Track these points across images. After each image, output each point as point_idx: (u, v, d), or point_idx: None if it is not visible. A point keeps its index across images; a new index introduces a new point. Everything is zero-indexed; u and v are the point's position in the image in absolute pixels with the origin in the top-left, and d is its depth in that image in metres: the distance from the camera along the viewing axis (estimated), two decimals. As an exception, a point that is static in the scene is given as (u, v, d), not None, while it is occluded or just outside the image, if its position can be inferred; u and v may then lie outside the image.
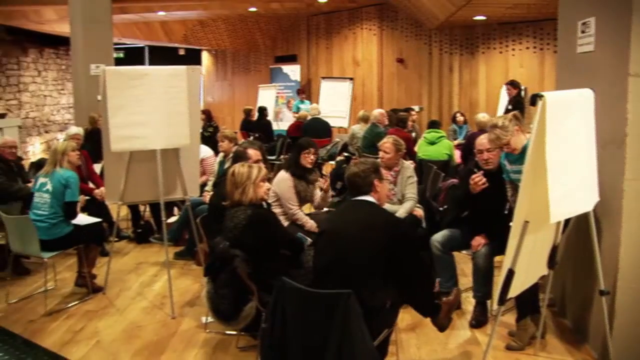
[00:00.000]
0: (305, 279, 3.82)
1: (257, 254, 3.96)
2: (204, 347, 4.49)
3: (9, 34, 15.98)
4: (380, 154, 5.55)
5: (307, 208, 5.91)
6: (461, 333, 4.64)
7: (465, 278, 5.44)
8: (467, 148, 7.70)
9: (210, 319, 4.63)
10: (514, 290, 3.43)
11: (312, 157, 5.64)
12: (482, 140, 4.67)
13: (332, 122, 12.68)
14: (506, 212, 4.47)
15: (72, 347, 4.53)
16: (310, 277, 3.81)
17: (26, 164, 8.15)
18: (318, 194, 5.71)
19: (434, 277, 4.80)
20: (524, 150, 4.18)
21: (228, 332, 4.62)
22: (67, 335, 4.75)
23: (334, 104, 14.73)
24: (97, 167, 7.44)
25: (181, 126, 5.30)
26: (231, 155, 6.37)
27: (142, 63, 20.65)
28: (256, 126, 12.91)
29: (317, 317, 3.09)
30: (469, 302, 5.03)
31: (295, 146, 5.78)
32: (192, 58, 20.27)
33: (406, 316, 4.33)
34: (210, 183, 6.79)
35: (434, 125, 8.97)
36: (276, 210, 5.34)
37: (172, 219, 6.98)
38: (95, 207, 6.64)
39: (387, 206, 5.29)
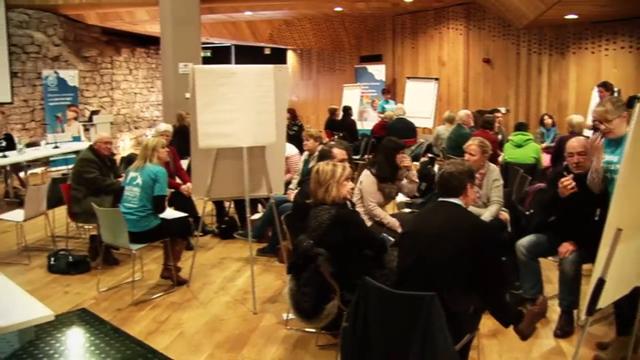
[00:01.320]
0: (388, 279, 3.79)
1: (341, 253, 3.95)
2: (283, 343, 4.52)
3: (104, 34, 16.61)
4: (466, 156, 5.44)
5: (391, 207, 5.86)
6: (545, 342, 4.49)
7: (551, 285, 5.28)
8: (557, 151, 7.47)
9: (291, 316, 4.65)
10: (604, 301, 3.29)
11: (407, 157, 5.61)
12: (574, 143, 4.52)
13: (417, 123, 12.55)
14: (596, 218, 4.30)
15: (157, 337, 4.67)
16: (393, 277, 3.78)
17: (117, 159, 8.41)
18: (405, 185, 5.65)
19: (513, 284, 4.67)
20: (620, 141, 4.02)
21: (308, 329, 4.64)
22: (152, 325, 4.89)
23: (419, 104, 14.58)
24: (184, 163, 7.62)
25: (268, 124, 5.35)
26: (316, 154, 6.40)
27: (228, 62, 20.99)
28: (340, 125, 12.93)
29: (400, 319, 3.06)
30: (553, 311, 4.86)
31: (385, 148, 5.70)
32: (277, 57, 20.48)
33: (488, 322, 4.22)
34: (294, 181, 6.84)
35: (521, 127, 8.73)
36: (360, 210, 5.32)
37: (256, 216, 7.06)
38: (182, 202, 6.80)
39: (472, 209, 5.18)
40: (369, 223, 5.25)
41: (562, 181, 4.37)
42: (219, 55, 21.15)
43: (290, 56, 21.32)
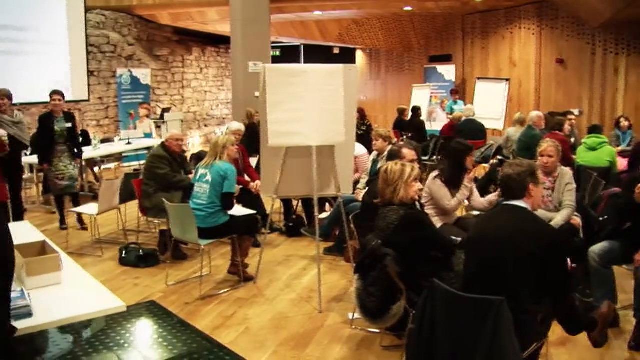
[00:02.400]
0: (455, 282, 3.73)
1: (408, 254, 3.91)
2: (348, 343, 4.51)
3: (175, 34, 16.97)
4: (543, 159, 5.31)
5: (459, 211, 5.77)
6: (617, 353, 4.32)
7: (625, 295, 5.05)
8: (635, 155, 7.22)
9: (356, 316, 4.63)
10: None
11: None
12: (653, 147, 4.35)
13: (486, 124, 12.33)
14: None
15: (222, 331, 4.72)
16: (460, 280, 3.72)
17: (187, 155, 8.55)
18: (472, 193, 5.54)
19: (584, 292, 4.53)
20: None
21: (373, 330, 4.61)
22: (218, 320, 4.95)
23: (489, 105, 14.33)
24: (252, 161, 7.68)
25: (337, 124, 5.35)
26: (384, 153, 6.36)
27: (297, 61, 21.12)
28: (409, 126, 12.83)
29: (467, 323, 3.01)
30: (627, 322, 4.66)
31: (453, 151, 5.58)
32: (345, 57, 20.48)
33: (557, 329, 4.09)
34: (362, 181, 6.82)
35: (594, 130, 8.47)
36: (429, 211, 5.26)
37: (323, 215, 7.07)
38: (250, 199, 6.86)
39: (542, 212, 5.07)
40: (437, 224, 5.18)
41: (638, 187, 4.22)
42: (287, 55, 21.31)
43: (359, 56, 21.29)
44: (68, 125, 7.67)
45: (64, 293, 3.33)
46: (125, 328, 4.79)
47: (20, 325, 2.72)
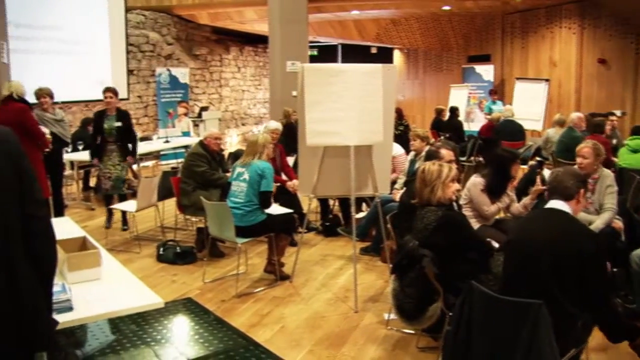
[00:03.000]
0: (494, 284, 3.69)
1: (446, 256, 3.88)
2: (383, 343, 4.49)
3: (214, 33, 17.10)
4: (578, 159, 5.21)
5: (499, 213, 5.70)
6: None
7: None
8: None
9: (392, 316, 4.61)
10: None
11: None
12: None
13: (526, 125, 12.16)
14: None
15: (258, 330, 4.73)
16: (498, 282, 3.67)
17: (225, 154, 8.60)
18: (512, 201, 5.46)
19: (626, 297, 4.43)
20: None
21: (409, 331, 4.58)
22: (254, 318, 4.97)
23: (528, 105, 14.13)
24: (290, 160, 7.70)
25: (375, 123, 5.32)
26: (423, 154, 6.31)
27: (335, 61, 21.11)
28: (447, 126, 12.74)
29: (505, 326, 2.97)
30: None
31: (499, 159, 5.43)
32: (383, 56, 20.41)
33: (598, 334, 4.00)
34: (400, 181, 6.78)
35: (638, 131, 8.30)
36: (467, 212, 5.20)
37: (361, 215, 7.05)
38: (287, 198, 6.87)
39: (583, 215, 4.97)
40: (475, 225, 5.12)
41: None
42: (325, 54, 21.31)
43: (397, 55, 21.21)
44: (118, 124, 7.46)
45: (103, 288, 3.37)
46: (163, 324, 4.84)
47: (61, 318, 2.76)
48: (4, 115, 6.37)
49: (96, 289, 3.34)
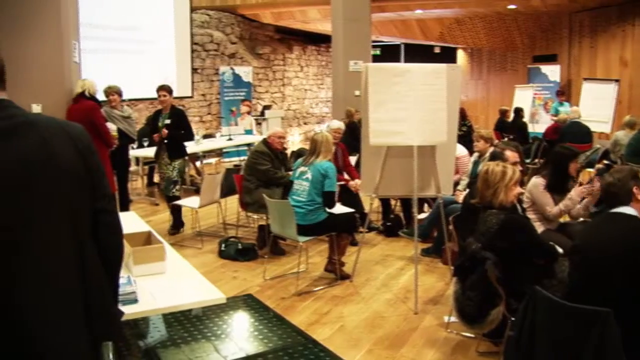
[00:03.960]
0: (558, 290, 3.59)
1: (509, 259, 3.80)
2: (443, 346, 4.44)
3: (277, 33, 17.24)
4: None
5: (563, 217, 5.57)
6: None
7: None
8: None
9: (452, 319, 4.55)
10: None
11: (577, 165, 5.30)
12: None
13: (593, 127, 11.83)
14: None
15: (317, 328, 4.74)
16: (563, 288, 3.58)
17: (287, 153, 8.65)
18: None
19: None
20: None
21: (469, 334, 4.52)
22: (313, 316, 4.98)
23: (596, 107, 13.74)
24: (352, 159, 7.69)
25: (439, 123, 5.27)
26: (486, 155, 6.22)
27: (397, 60, 20.99)
28: (511, 127, 12.52)
29: (570, 333, 2.89)
30: None
31: (557, 156, 5.40)
32: (447, 56, 20.17)
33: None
34: (462, 182, 6.69)
35: None
36: (531, 215, 5.10)
37: (422, 216, 6.99)
38: (349, 198, 6.86)
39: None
40: (539, 229, 5.01)
41: None
42: (388, 54, 21.23)
43: (460, 55, 20.95)
44: (168, 122, 7.28)
45: (167, 282, 3.42)
46: (223, 319, 4.90)
47: (126, 310, 2.82)
48: (74, 112, 6.56)
49: (160, 282, 3.39)
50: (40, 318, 1.81)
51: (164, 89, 7.34)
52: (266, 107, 15.13)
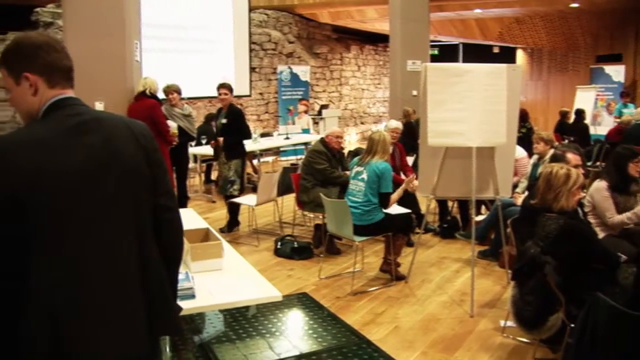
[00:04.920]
0: (620, 297, 3.50)
1: (569, 265, 3.73)
2: (498, 351, 4.37)
3: (334, 32, 17.27)
4: None
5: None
6: None
7: None
8: None
9: (509, 324, 4.49)
10: None
11: None
12: None
13: (659, 129, 11.47)
14: None
15: (372, 328, 4.73)
16: (624, 296, 3.48)
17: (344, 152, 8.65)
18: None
19: None
20: None
21: (526, 340, 4.43)
22: (368, 316, 4.97)
23: (663, 109, 13.33)
24: (409, 160, 7.65)
25: (498, 125, 5.19)
26: (546, 157, 6.10)
27: (455, 60, 20.80)
28: (572, 129, 12.24)
29: (634, 342, 2.81)
30: None
31: (616, 155, 5.29)
32: (506, 56, 19.87)
33: None
34: (521, 185, 6.57)
35: None
36: (592, 220, 4.98)
37: (479, 218, 6.90)
38: (406, 198, 6.82)
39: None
40: (601, 235, 4.89)
41: None
42: (446, 53, 21.06)
43: (520, 55, 20.60)
44: (224, 121, 7.33)
45: (224, 279, 3.45)
46: (278, 317, 4.94)
47: (184, 305, 2.85)
48: (136, 110, 6.71)
49: (217, 279, 3.43)
50: (101, 311, 1.85)
51: (225, 87, 7.37)
52: (323, 107, 15.18)
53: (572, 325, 3.46)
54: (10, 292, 1.77)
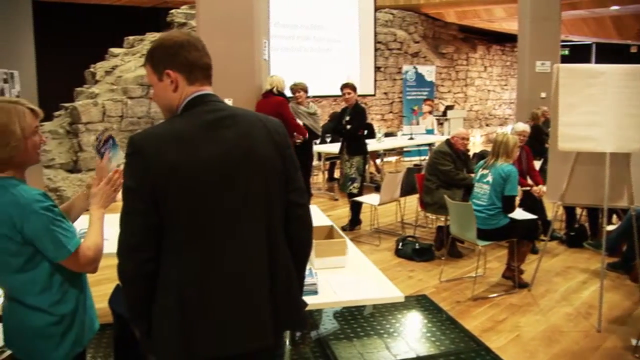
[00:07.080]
0: None
1: None
2: (627, 371, 4.16)
3: (461, 32, 17.02)
4: None
5: None
6: None
7: None
8: None
9: (643, 343, 4.26)
10: None
11: None
12: None
13: None
14: None
15: (491, 335, 4.63)
16: None
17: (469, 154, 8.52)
18: None
19: None
20: None
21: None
22: (488, 323, 4.87)
23: None
24: (536, 164, 7.42)
25: (633, 129, 4.93)
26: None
27: (587, 61, 19.88)
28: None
29: None
30: None
31: None
32: (645, 56, 18.87)
33: None
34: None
35: None
36: None
37: (610, 227, 6.58)
38: (532, 203, 6.64)
39: None
40: None
41: None
42: (577, 54, 20.17)
43: (660, 55, 19.47)
44: (347, 118, 7.51)
45: (347, 276, 3.49)
46: (396, 318, 4.94)
47: (307, 300, 2.92)
48: (264, 108, 6.90)
49: (340, 276, 3.47)
50: (229, 305, 1.93)
51: (349, 86, 7.55)
52: (448, 107, 15.02)
53: None
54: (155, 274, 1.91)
